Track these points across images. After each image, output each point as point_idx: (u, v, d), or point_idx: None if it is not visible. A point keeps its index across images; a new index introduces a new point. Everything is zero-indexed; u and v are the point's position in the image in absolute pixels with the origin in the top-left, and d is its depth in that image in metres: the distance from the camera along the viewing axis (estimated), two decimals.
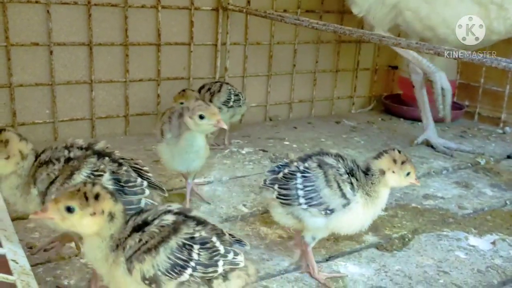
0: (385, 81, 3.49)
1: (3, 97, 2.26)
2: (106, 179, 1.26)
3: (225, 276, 1.07)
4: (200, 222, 1.09)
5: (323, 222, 1.41)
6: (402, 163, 1.42)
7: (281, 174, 1.45)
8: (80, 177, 1.25)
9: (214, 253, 1.05)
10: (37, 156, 1.33)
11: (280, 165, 1.50)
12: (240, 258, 1.08)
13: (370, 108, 3.40)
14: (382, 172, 1.42)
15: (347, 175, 1.41)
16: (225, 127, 1.68)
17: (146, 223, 1.07)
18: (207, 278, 1.04)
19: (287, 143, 2.61)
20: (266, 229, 1.74)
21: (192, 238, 1.04)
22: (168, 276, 1.02)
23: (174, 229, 1.05)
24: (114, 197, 1.06)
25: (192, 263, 1.02)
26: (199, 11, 2.63)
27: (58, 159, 1.28)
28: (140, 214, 1.10)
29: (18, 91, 2.28)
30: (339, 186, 1.39)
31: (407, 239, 1.73)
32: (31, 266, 1.41)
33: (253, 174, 2.18)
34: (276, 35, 2.88)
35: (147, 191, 1.30)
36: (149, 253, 1.02)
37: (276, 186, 1.44)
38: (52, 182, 1.25)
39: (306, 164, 1.44)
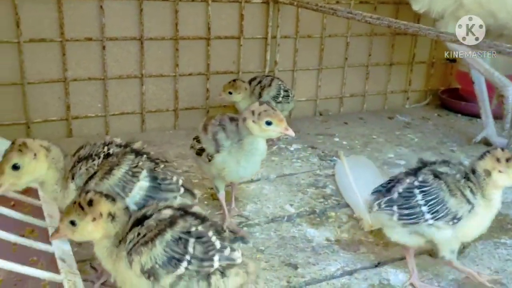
0: (442, 75, 3.35)
1: (58, 91, 2.31)
2: (144, 176, 1.29)
3: (223, 273, 1.08)
4: (200, 217, 1.11)
5: (450, 233, 1.36)
6: (507, 160, 1.35)
7: (396, 194, 1.39)
8: (119, 172, 1.27)
9: (210, 248, 1.07)
10: (76, 151, 1.34)
11: (384, 184, 1.45)
12: (237, 255, 1.09)
13: (425, 103, 3.28)
14: (488, 173, 1.36)
15: (463, 180, 1.37)
16: (293, 134, 1.55)
17: (145, 217, 1.10)
18: (204, 273, 1.06)
19: (337, 139, 2.55)
20: (313, 231, 1.70)
21: (188, 232, 1.07)
22: (165, 269, 1.04)
23: (171, 222, 1.07)
24: (111, 198, 1.10)
25: (187, 257, 1.04)
26: (249, 4, 2.59)
27: (97, 155, 1.30)
28: (141, 209, 1.13)
29: (72, 85, 2.32)
30: (462, 193, 1.35)
31: (462, 247, 1.65)
32: (78, 262, 1.44)
33: (301, 172, 2.14)
34: (328, 28, 2.81)
35: (182, 189, 1.32)
36: (146, 245, 1.05)
37: (395, 208, 1.38)
38: (90, 177, 1.27)
39: (421, 178, 1.38)
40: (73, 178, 1.28)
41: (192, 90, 2.59)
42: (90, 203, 1.07)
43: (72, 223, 1.07)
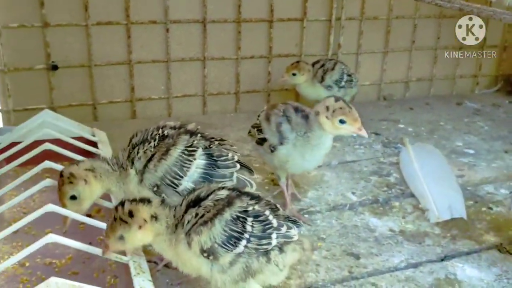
0: None
1: (123, 73, 2.35)
2: (199, 154, 1.30)
3: (281, 248, 1.11)
4: (254, 197, 1.13)
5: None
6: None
7: None
8: (176, 152, 1.29)
9: (267, 226, 1.09)
10: (129, 142, 1.37)
11: None
12: (294, 232, 1.12)
13: (496, 89, 3.12)
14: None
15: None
16: (366, 135, 1.49)
17: (200, 199, 1.12)
18: (263, 250, 1.08)
19: (401, 126, 2.47)
20: (376, 220, 1.66)
21: (246, 211, 1.09)
22: (225, 248, 1.06)
23: (228, 202, 1.09)
24: (146, 200, 1.10)
25: (246, 235, 1.07)
26: None
27: (153, 138, 1.32)
28: (193, 192, 1.15)
29: (136, 67, 2.36)
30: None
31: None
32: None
33: (364, 160, 2.09)
34: (394, 9, 2.71)
35: (238, 165, 1.33)
36: (205, 225, 1.06)
37: None
38: (149, 160, 1.29)
39: None
40: (132, 164, 1.30)
41: (254, 73, 2.57)
42: (131, 214, 1.08)
43: (121, 237, 1.09)
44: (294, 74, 2.31)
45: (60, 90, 2.25)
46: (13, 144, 1.67)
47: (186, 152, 1.30)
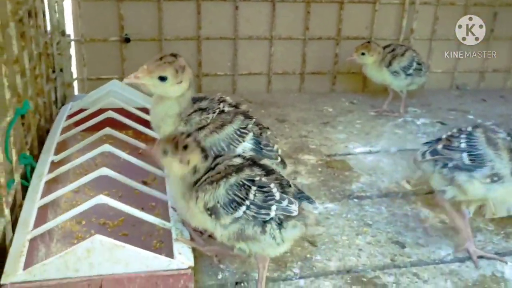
0: None
1: (191, 48, 2.41)
2: (249, 138, 1.36)
3: (280, 224, 1.14)
4: (266, 170, 1.18)
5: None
6: None
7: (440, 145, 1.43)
8: (229, 129, 1.35)
9: (269, 197, 1.13)
10: (197, 99, 1.42)
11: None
12: (294, 207, 1.14)
13: None
14: None
15: None
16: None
17: (217, 165, 1.18)
18: (261, 219, 1.13)
19: (471, 117, 2.37)
20: (428, 211, 1.62)
21: (252, 180, 1.14)
22: (226, 210, 1.12)
23: (238, 169, 1.16)
24: (205, 153, 1.17)
25: (247, 202, 1.12)
26: None
27: (213, 110, 1.38)
28: (215, 159, 1.20)
29: (204, 43, 2.41)
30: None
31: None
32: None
33: None
34: None
35: (279, 159, 1.38)
36: (211, 184, 1.13)
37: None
38: (201, 128, 1.35)
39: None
40: (185, 124, 1.36)
41: (321, 54, 2.55)
42: (185, 147, 1.14)
43: (165, 152, 1.15)
44: (363, 54, 2.27)
45: (131, 62, 2.35)
46: (82, 110, 1.79)
47: (238, 132, 1.35)
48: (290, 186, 1.18)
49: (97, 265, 1.07)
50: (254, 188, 1.13)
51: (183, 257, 1.13)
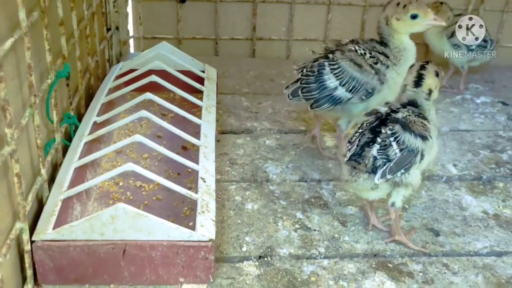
0: None
1: (246, 11, 2.38)
2: None
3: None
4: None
5: None
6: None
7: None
8: None
9: None
10: None
11: None
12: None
13: None
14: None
15: None
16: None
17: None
18: None
19: None
20: (471, 199, 1.55)
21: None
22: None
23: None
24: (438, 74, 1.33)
25: None
26: None
27: None
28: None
29: (260, 7, 2.37)
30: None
31: None
32: (227, 182, 1.55)
33: (480, 130, 1.92)
34: None
35: None
36: None
37: None
38: None
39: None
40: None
41: None
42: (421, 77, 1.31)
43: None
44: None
45: (186, 22, 2.35)
46: (132, 71, 1.82)
47: None
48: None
49: (121, 231, 1.11)
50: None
51: (204, 230, 1.15)
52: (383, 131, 1.27)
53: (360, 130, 1.31)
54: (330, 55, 1.59)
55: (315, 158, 1.69)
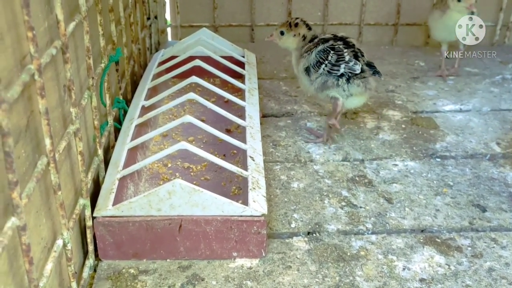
0: None
1: None
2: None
3: (348, 80, 1.56)
4: (347, 44, 1.60)
5: None
6: None
7: None
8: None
9: (340, 58, 1.56)
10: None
11: None
12: (358, 67, 1.54)
13: None
14: None
15: None
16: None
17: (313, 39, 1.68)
18: (334, 74, 1.56)
19: None
20: None
21: (332, 48, 1.58)
22: (314, 69, 1.60)
23: (325, 40, 1.62)
24: (309, 26, 1.69)
25: (326, 61, 1.57)
26: None
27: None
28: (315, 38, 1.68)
29: None
30: None
31: None
32: (271, 162, 1.58)
33: None
34: None
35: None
36: (308, 52, 1.63)
37: None
38: None
39: None
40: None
41: (417, 4, 2.43)
42: (296, 25, 1.66)
43: (281, 33, 1.69)
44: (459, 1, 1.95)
45: (223, 10, 2.39)
46: (173, 57, 1.86)
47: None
48: (363, 56, 1.58)
49: (177, 206, 1.15)
50: (331, 52, 1.56)
51: (257, 205, 1.18)
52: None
53: (345, 50, 1.57)
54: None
55: (357, 139, 1.71)
